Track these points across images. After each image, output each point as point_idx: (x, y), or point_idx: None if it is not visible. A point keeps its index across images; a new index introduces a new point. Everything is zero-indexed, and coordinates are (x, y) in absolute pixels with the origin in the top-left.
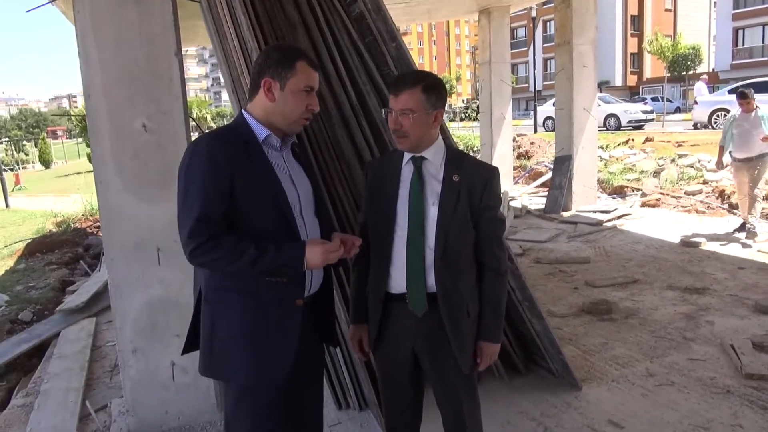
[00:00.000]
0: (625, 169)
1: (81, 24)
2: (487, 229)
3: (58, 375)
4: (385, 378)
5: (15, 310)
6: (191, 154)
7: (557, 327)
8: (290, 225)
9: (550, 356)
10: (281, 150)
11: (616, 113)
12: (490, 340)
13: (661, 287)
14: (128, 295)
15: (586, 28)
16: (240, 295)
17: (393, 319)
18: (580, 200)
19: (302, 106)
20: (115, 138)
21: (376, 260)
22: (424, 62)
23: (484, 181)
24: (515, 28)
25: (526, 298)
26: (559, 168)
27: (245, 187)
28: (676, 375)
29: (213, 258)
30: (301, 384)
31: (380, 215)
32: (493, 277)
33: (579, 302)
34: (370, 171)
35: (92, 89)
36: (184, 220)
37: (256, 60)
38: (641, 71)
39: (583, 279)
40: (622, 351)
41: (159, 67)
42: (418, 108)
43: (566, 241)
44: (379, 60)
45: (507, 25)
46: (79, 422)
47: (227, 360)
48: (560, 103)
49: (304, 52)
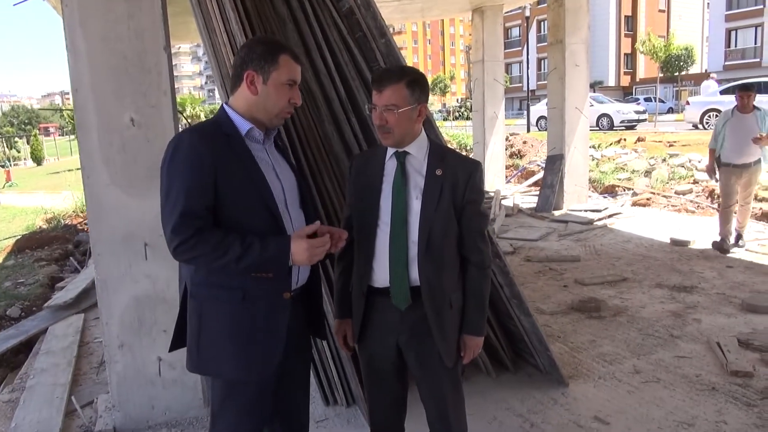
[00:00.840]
0: (616, 169)
1: (69, 18)
2: (470, 224)
3: (44, 371)
4: (370, 372)
5: (3, 306)
6: (173, 149)
7: (546, 324)
8: (275, 219)
9: (538, 353)
10: (264, 143)
11: (608, 113)
12: (473, 333)
13: (650, 285)
14: (115, 290)
15: (578, 27)
16: (226, 289)
17: (377, 313)
18: (572, 199)
19: (285, 99)
20: (103, 132)
21: (359, 254)
22: (418, 61)
23: (467, 176)
24: (509, 27)
25: (514, 295)
26: (551, 167)
27: (229, 181)
28: (662, 372)
29: (197, 254)
30: (288, 378)
31: (364, 210)
32: (477, 271)
33: (568, 300)
34: (354, 166)
35: (80, 83)
36: (167, 216)
37: (239, 53)
38: (635, 72)
39: (573, 277)
40: (609, 348)
41: (147, 62)
42: (403, 103)
43: (557, 240)
44: (369, 56)
45: (500, 24)
46: (65, 418)
47: (215, 356)
48: (552, 103)
49: (287, 45)
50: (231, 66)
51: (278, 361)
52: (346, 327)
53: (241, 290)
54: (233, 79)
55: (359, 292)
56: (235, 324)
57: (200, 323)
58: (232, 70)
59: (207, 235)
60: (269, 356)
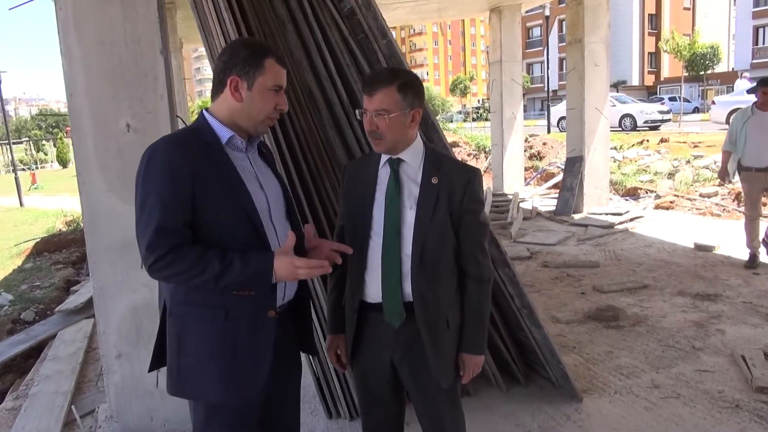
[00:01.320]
0: (638, 171)
1: (63, 21)
2: (469, 235)
3: (48, 378)
4: (364, 390)
5: (18, 310)
6: (147, 159)
7: (561, 334)
8: (258, 233)
9: (550, 365)
10: (247, 151)
11: (631, 113)
12: (472, 351)
13: (672, 293)
14: (112, 299)
15: (598, 25)
16: (207, 308)
17: (370, 329)
18: (592, 202)
19: (270, 105)
20: (99, 138)
21: (351, 267)
22: (438, 62)
23: (465, 183)
24: (530, 27)
25: (524, 305)
26: (570, 169)
27: (207, 194)
28: (682, 387)
29: (174, 272)
30: (276, 397)
31: (356, 220)
32: (476, 285)
33: (585, 308)
34: (347, 173)
35: (75, 88)
36: (142, 231)
37: (221, 56)
38: (659, 71)
39: (591, 284)
40: (627, 360)
41: (144, 66)
42: (394, 108)
43: (575, 245)
44: (371, 58)
45: (518, 23)
46: (65, 427)
47: (196, 378)
48: (571, 103)
49: (273, 48)
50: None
51: (262, 383)
52: (339, 342)
53: (224, 309)
54: (215, 84)
55: (351, 307)
56: (217, 345)
57: (180, 344)
58: (213, 74)
59: (184, 251)
60: (253, 379)
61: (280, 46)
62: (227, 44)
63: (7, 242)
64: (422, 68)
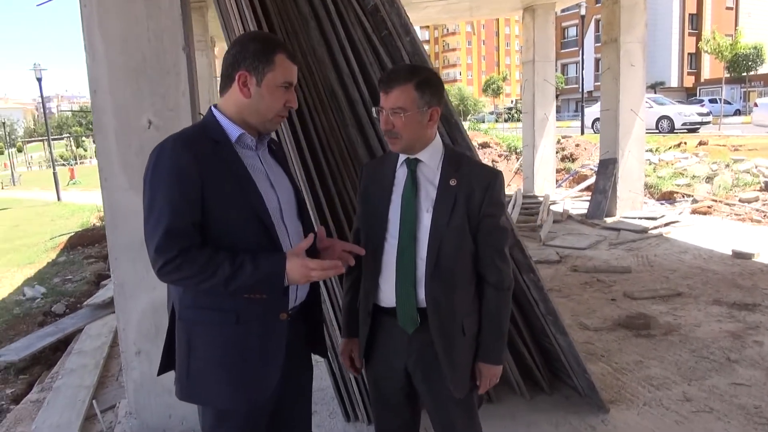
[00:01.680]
0: (675, 174)
1: (87, 18)
2: (488, 240)
3: (73, 371)
4: (377, 397)
5: (50, 302)
6: (155, 158)
7: (589, 341)
8: (270, 234)
9: (576, 374)
10: (257, 149)
11: (669, 115)
12: (489, 361)
13: (707, 302)
14: (132, 296)
15: (634, 24)
16: (217, 312)
17: (383, 334)
18: (625, 206)
19: (280, 103)
20: (121, 134)
21: (366, 270)
22: (472, 62)
23: (485, 186)
24: (566, 27)
25: (549, 311)
26: (604, 171)
27: (217, 194)
28: (716, 401)
29: (184, 275)
30: (287, 399)
31: (371, 222)
32: (494, 293)
33: (615, 315)
34: (365, 173)
35: (98, 85)
36: (150, 233)
37: (230, 50)
38: (699, 72)
39: (622, 290)
40: (657, 371)
41: (166, 63)
42: (411, 106)
43: (607, 249)
44: (395, 55)
45: (552, 23)
46: (86, 421)
47: (206, 383)
48: (606, 104)
49: (284, 43)
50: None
51: (274, 387)
52: (353, 346)
53: (234, 312)
54: (223, 79)
55: (365, 311)
56: (227, 349)
57: (189, 348)
58: (222, 68)
59: (194, 254)
60: (264, 383)
61: (302, 44)
62: (237, 37)
63: (44, 236)
64: (455, 68)
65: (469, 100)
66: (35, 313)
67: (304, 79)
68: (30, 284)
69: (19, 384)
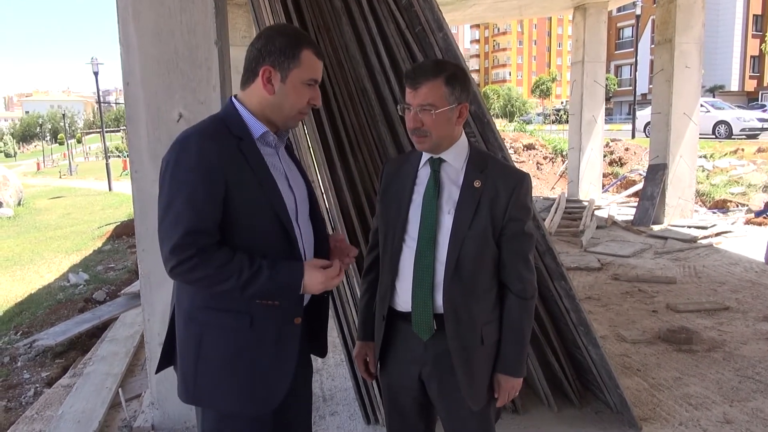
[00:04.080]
0: (729, 182)
1: (122, 11)
2: (512, 246)
3: (104, 358)
4: (391, 404)
5: (91, 290)
6: (177, 153)
7: (625, 354)
8: (288, 235)
9: (608, 389)
10: (276, 147)
11: (727, 120)
12: (509, 373)
13: (756, 318)
14: (158, 287)
15: (691, 24)
16: (232, 313)
17: (399, 339)
18: (674, 213)
19: (303, 100)
20: (152, 127)
21: (382, 272)
22: (522, 62)
23: (511, 189)
24: (621, 27)
25: (581, 322)
26: (652, 177)
27: (239, 194)
28: (758, 425)
29: (197, 276)
30: (288, 399)
31: (390, 222)
32: (517, 302)
33: (655, 327)
34: (386, 171)
35: (131, 77)
36: (167, 232)
37: (254, 43)
38: (762, 76)
39: (665, 301)
40: (697, 389)
41: (198, 57)
42: (441, 103)
43: (652, 258)
44: (429, 52)
45: (604, 22)
46: (111, 409)
47: (215, 387)
48: (657, 107)
49: (310, 38)
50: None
51: (285, 393)
52: (368, 350)
53: (249, 315)
54: (246, 72)
55: (380, 315)
56: (240, 354)
57: (199, 351)
58: (245, 61)
59: (210, 255)
60: (276, 389)
61: (334, 40)
62: (262, 30)
63: (92, 224)
64: (504, 68)
65: (517, 101)
66: (77, 299)
67: (335, 76)
68: (75, 271)
69: (55, 368)
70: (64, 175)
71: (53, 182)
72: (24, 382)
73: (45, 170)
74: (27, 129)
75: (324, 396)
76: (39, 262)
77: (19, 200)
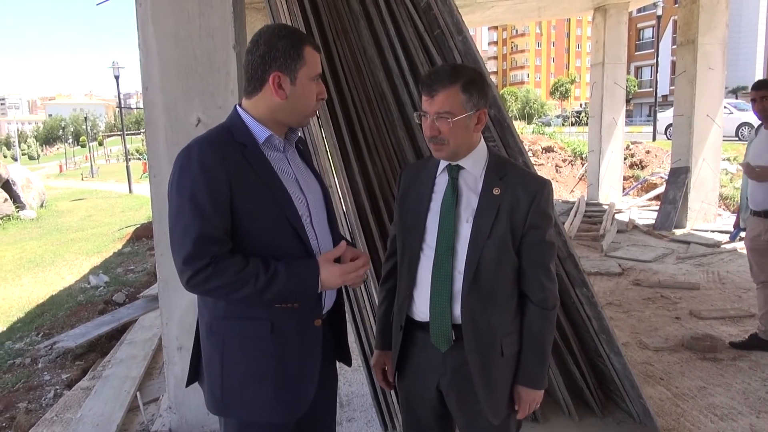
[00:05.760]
0: None
1: (142, 16)
2: (532, 255)
3: (122, 361)
4: (409, 414)
5: (111, 292)
6: (180, 165)
7: (648, 362)
8: (301, 239)
9: (630, 398)
10: (285, 151)
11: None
12: (529, 385)
13: None
14: (175, 291)
15: (715, 25)
16: (252, 321)
17: (417, 349)
18: (697, 217)
19: (313, 97)
20: (170, 131)
21: (400, 281)
22: (540, 64)
23: (531, 196)
24: (642, 28)
25: (603, 330)
26: (675, 180)
27: (246, 199)
28: None
29: (214, 286)
30: (314, 408)
31: (408, 230)
32: (538, 313)
33: (679, 335)
34: (403, 179)
35: (150, 82)
36: (178, 242)
37: (254, 50)
38: None
39: (688, 308)
40: (723, 399)
41: (217, 61)
42: (458, 110)
43: (674, 263)
44: (448, 56)
45: (624, 23)
46: (129, 412)
47: (242, 398)
48: (679, 109)
49: (306, 34)
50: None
51: (311, 400)
52: (386, 359)
53: (269, 322)
54: (251, 80)
55: (398, 324)
56: (264, 362)
57: (222, 362)
58: (246, 69)
59: (224, 263)
60: (302, 395)
61: (352, 43)
62: (257, 36)
63: (112, 226)
64: (523, 70)
65: (535, 103)
66: (97, 301)
67: (353, 79)
68: (95, 273)
69: (75, 370)
70: (85, 178)
71: (75, 184)
72: (44, 384)
73: (67, 172)
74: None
75: (341, 402)
76: (60, 264)
77: (42, 202)
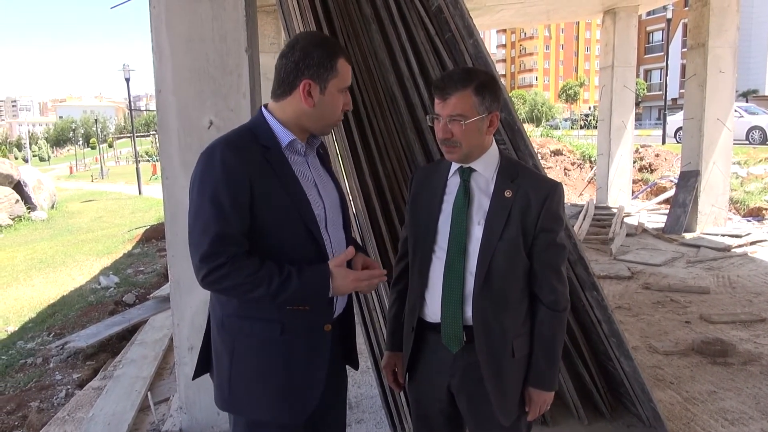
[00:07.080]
0: (765, 189)
1: (155, 18)
2: (543, 257)
3: (133, 361)
4: (419, 415)
5: (121, 292)
6: (203, 164)
7: (658, 366)
8: (316, 242)
9: (640, 402)
10: (306, 155)
11: (761, 126)
12: (540, 387)
13: None
14: (187, 292)
15: (725, 29)
16: (262, 322)
17: (428, 350)
18: (707, 221)
19: (340, 107)
20: (183, 134)
21: (412, 282)
22: (549, 67)
23: (542, 199)
24: (651, 31)
25: (613, 333)
26: (684, 184)
27: (266, 201)
28: None
29: (229, 285)
30: (323, 410)
31: (420, 233)
32: (548, 315)
33: (689, 339)
34: (415, 181)
35: (163, 84)
36: (196, 240)
37: (289, 55)
38: None
39: (698, 312)
40: (733, 404)
41: (229, 64)
42: (471, 113)
43: (684, 267)
44: (459, 59)
45: (634, 26)
46: (140, 412)
47: (250, 395)
48: (689, 113)
49: (341, 45)
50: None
51: (318, 400)
52: (397, 361)
53: (280, 323)
54: (282, 84)
55: (409, 326)
56: (272, 361)
57: (232, 358)
58: (278, 73)
59: (240, 263)
60: (308, 397)
61: (363, 46)
62: (294, 41)
63: (122, 228)
64: (531, 73)
65: (543, 106)
66: (107, 302)
67: (364, 83)
68: (105, 273)
69: (86, 370)
70: (95, 179)
71: (85, 186)
72: (56, 383)
73: (77, 174)
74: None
75: (350, 403)
76: (71, 265)
77: (53, 203)
